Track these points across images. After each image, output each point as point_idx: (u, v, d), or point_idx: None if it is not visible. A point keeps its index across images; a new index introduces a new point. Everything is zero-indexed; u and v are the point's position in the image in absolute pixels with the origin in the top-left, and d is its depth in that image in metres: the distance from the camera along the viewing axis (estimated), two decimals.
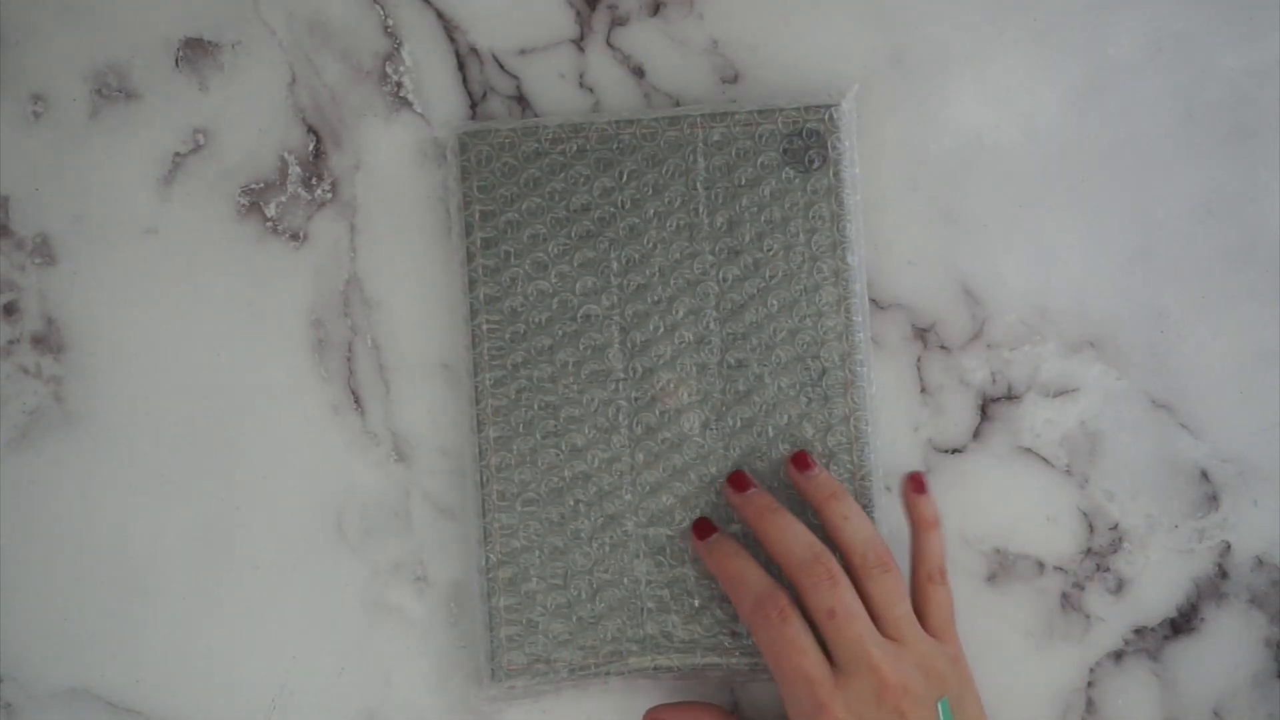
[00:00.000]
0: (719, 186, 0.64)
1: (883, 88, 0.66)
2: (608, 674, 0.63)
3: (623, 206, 0.64)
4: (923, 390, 0.66)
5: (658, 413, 0.63)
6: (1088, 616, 0.65)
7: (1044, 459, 0.65)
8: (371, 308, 0.66)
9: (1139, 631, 0.65)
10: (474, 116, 0.67)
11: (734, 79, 0.66)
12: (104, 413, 0.66)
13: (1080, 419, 0.65)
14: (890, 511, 0.65)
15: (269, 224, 0.67)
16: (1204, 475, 0.65)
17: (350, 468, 0.66)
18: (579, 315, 0.64)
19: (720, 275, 0.64)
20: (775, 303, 0.64)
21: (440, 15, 0.67)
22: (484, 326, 0.64)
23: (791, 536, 0.58)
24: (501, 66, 0.67)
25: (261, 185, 0.67)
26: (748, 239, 0.64)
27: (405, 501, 0.66)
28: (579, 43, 0.67)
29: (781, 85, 0.66)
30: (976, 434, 0.66)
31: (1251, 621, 0.65)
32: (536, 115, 0.66)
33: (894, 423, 0.65)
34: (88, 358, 0.66)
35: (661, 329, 0.64)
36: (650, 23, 0.67)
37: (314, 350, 0.66)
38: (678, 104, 0.66)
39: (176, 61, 0.67)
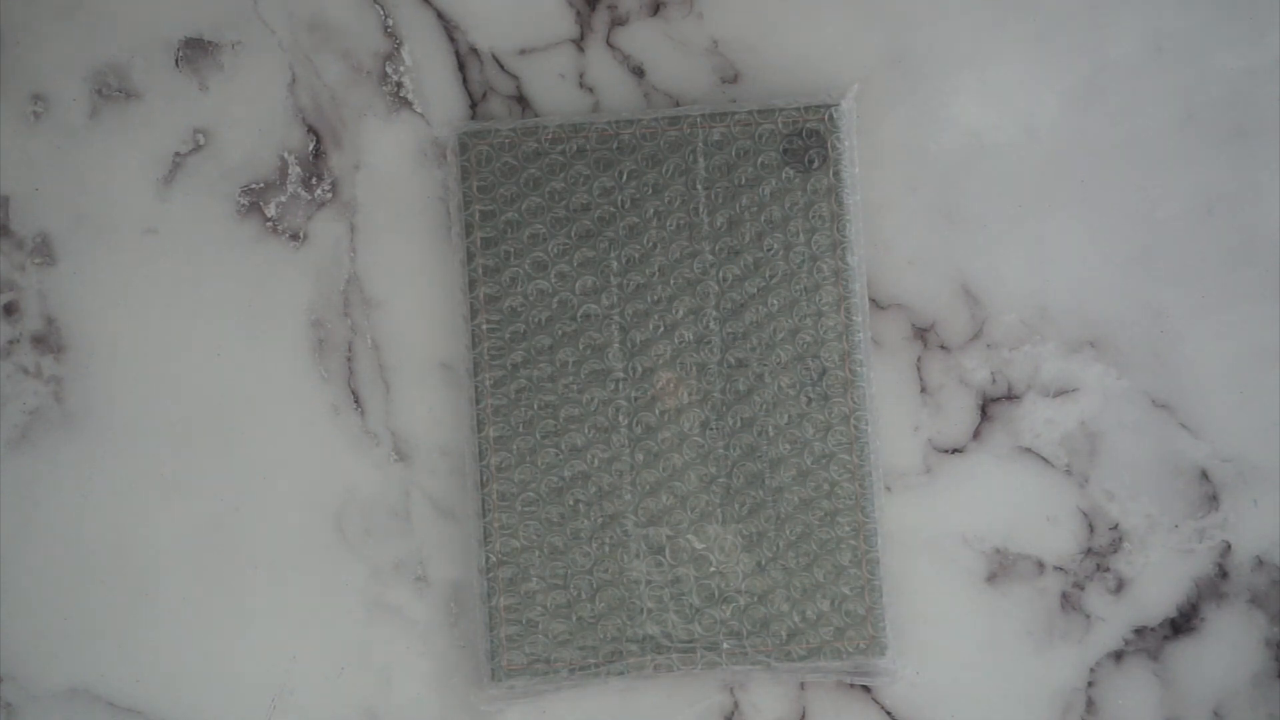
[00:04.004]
0: (719, 186, 0.64)
1: (883, 88, 0.66)
2: (608, 674, 0.63)
3: (623, 206, 0.64)
4: (923, 390, 0.66)
5: (658, 412, 0.63)
6: (1088, 616, 0.65)
7: (1044, 459, 0.65)
8: (371, 308, 0.66)
9: (1139, 631, 0.65)
10: (474, 116, 0.67)
11: (734, 79, 0.66)
12: (104, 413, 0.66)
13: (1080, 419, 0.65)
14: (890, 511, 0.65)
15: (269, 224, 0.67)
16: (1204, 475, 0.65)
17: (350, 468, 0.66)
18: (579, 314, 0.64)
19: (720, 275, 0.64)
20: (775, 302, 0.64)
21: (440, 15, 0.67)
22: (484, 326, 0.64)
23: None
24: (501, 66, 0.67)
25: (261, 185, 0.67)
26: (748, 238, 0.64)
27: (405, 501, 0.66)
28: (579, 43, 0.67)
29: (781, 85, 0.66)
30: (976, 434, 0.66)
31: (1251, 621, 0.65)
32: (536, 115, 0.66)
33: (894, 423, 0.65)
34: (88, 358, 0.66)
35: (661, 328, 0.64)
36: (650, 23, 0.67)
37: (314, 350, 0.66)
38: (678, 104, 0.66)
39: (176, 61, 0.67)
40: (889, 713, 0.65)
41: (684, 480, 0.63)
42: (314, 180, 0.67)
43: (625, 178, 0.64)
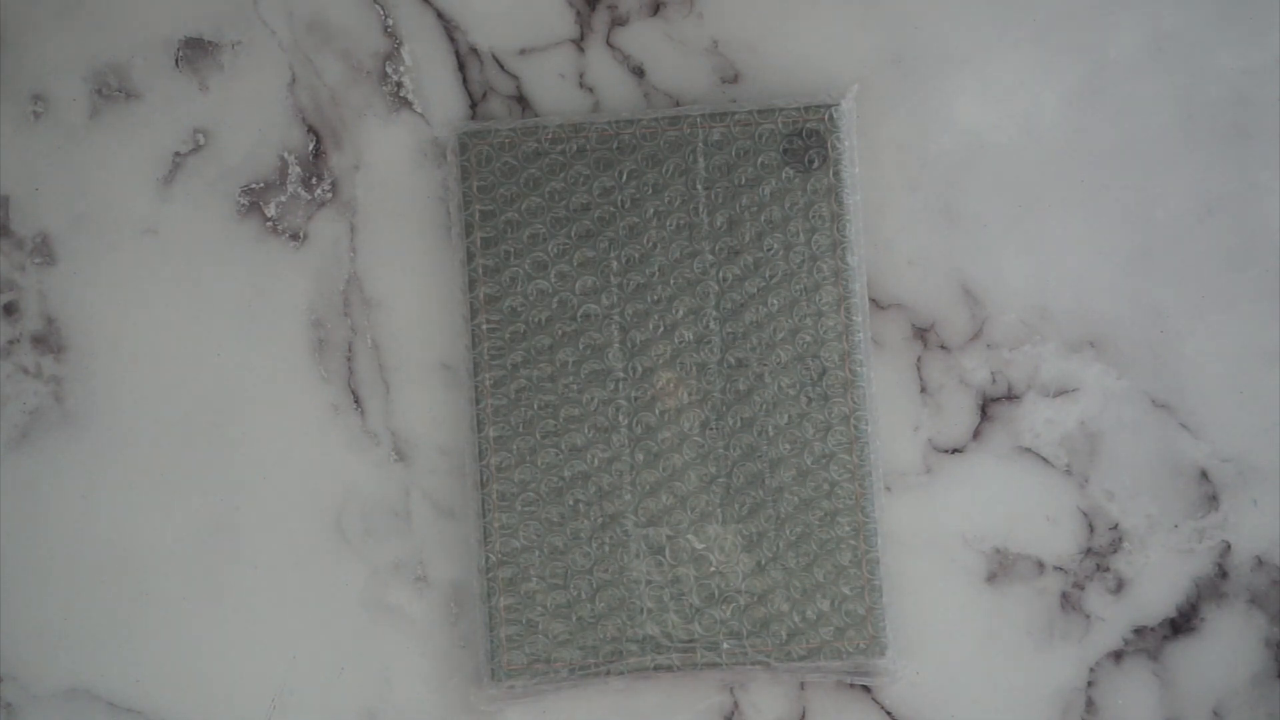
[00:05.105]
0: (719, 186, 0.64)
1: (883, 88, 0.66)
2: (608, 674, 0.63)
3: (623, 206, 0.64)
4: (923, 390, 0.66)
5: (658, 412, 0.63)
6: (1088, 616, 0.65)
7: (1044, 459, 0.65)
8: (371, 308, 0.66)
9: (1139, 631, 0.65)
10: (474, 116, 0.67)
11: (734, 79, 0.66)
12: (104, 413, 0.66)
13: (1080, 419, 0.65)
14: (890, 511, 0.65)
15: (269, 224, 0.67)
16: (1204, 475, 0.65)
17: (350, 468, 0.66)
18: (579, 314, 0.64)
19: (720, 275, 0.64)
20: (775, 302, 0.64)
21: (440, 15, 0.67)
22: (484, 326, 0.64)
23: None
24: (501, 66, 0.67)
25: (261, 185, 0.67)
26: (748, 239, 0.64)
27: (405, 501, 0.66)
28: (579, 43, 0.67)
29: (781, 85, 0.66)
30: (976, 434, 0.66)
31: (1251, 621, 0.65)
32: (536, 115, 0.66)
33: (894, 423, 0.65)
34: (88, 358, 0.66)
35: (661, 328, 0.64)
36: (650, 23, 0.67)
37: (314, 350, 0.66)
38: (678, 104, 0.66)
39: (176, 61, 0.67)
40: (889, 713, 0.65)
41: (684, 480, 0.63)
42: (314, 180, 0.67)
43: (625, 178, 0.64)
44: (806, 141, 0.64)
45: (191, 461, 0.66)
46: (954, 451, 0.66)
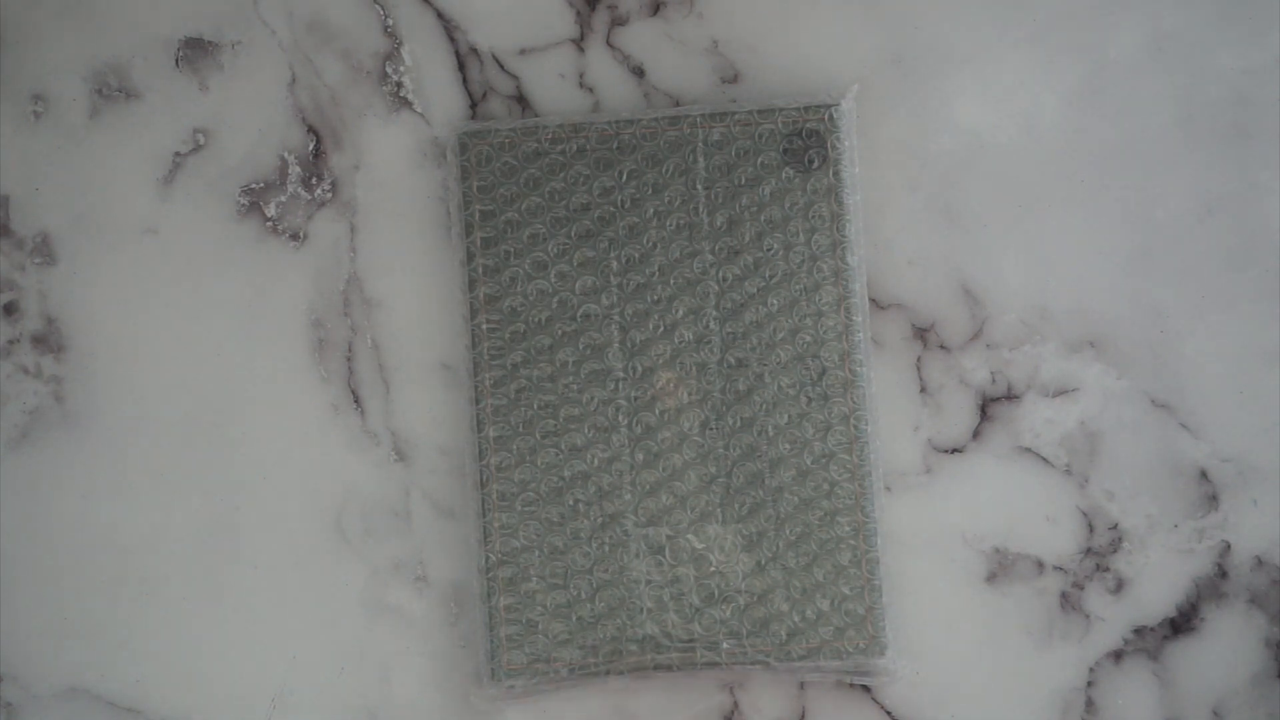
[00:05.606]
0: (719, 186, 0.64)
1: (883, 88, 0.66)
2: (607, 674, 0.63)
3: (622, 206, 0.64)
4: (923, 390, 0.66)
5: (657, 412, 0.63)
6: (1088, 616, 0.65)
7: (1044, 459, 0.65)
8: (371, 308, 0.66)
9: (1139, 631, 0.65)
10: (474, 116, 0.67)
11: (734, 79, 0.66)
12: (104, 413, 0.66)
13: (1080, 419, 0.65)
14: (890, 511, 0.65)
15: (269, 224, 0.67)
16: (1204, 475, 0.65)
17: (350, 467, 0.66)
18: (579, 314, 0.64)
19: (720, 275, 0.64)
20: (775, 302, 0.64)
21: (440, 15, 0.67)
22: (484, 326, 0.64)
23: None
24: (501, 66, 0.67)
25: (261, 185, 0.67)
26: (748, 238, 0.64)
27: (405, 501, 0.66)
28: (579, 43, 0.67)
29: (781, 85, 0.66)
30: (976, 434, 0.66)
31: (1251, 621, 0.65)
32: (536, 115, 0.66)
33: (894, 423, 0.65)
34: (88, 358, 0.66)
35: (661, 328, 0.64)
36: (650, 23, 0.67)
37: (314, 350, 0.66)
38: (678, 104, 0.66)
39: (176, 61, 0.67)
40: (889, 713, 0.65)
41: (684, 480, 0.63)
42: (314, 180, 0.67)
43: (625, 178, 0.64)
44: (806, 141, 0.64)
45: (191, 461, 0.66)
46: (954, 451, 0.66)
